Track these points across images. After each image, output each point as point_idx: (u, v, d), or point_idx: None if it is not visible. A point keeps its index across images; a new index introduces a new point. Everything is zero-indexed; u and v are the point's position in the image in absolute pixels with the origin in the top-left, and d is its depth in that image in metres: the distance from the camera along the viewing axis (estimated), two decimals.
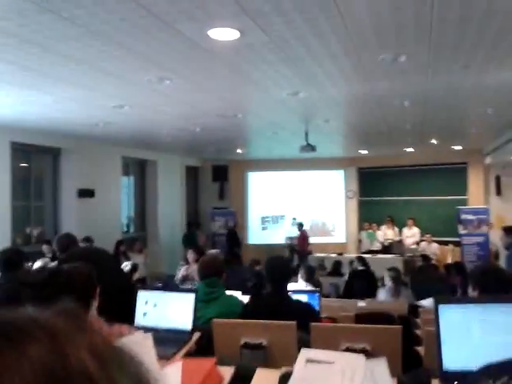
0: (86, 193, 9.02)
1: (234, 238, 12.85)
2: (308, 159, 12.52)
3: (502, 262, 8.65)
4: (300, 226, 12.63)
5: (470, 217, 11.23)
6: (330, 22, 3.32)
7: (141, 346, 1.28)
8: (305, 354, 1.43)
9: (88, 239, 7.60)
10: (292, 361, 1.86)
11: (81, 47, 3.70)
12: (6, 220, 7.40)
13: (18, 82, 4.70)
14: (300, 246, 12.35)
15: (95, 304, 2.07)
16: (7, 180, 7.44)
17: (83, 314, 0.49)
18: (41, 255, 6.92)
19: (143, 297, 2.66)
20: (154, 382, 0.46)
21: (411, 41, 3.79)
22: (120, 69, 4.36)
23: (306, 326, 2.35)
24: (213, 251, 8.24)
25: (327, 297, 6.15)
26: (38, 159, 8.77)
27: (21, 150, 8.07)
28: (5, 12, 2.97)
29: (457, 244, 11.61)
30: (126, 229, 11.21)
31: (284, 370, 1.55)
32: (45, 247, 7.32)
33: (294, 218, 13.07)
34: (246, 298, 4.79)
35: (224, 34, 3.47)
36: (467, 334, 1.67)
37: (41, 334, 0.43)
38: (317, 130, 8.32)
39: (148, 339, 1.36)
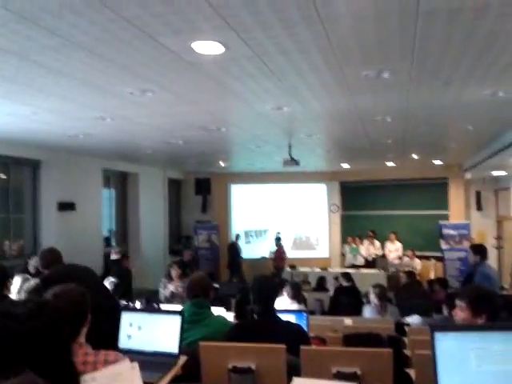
0: (67, 206, 8.86)
1: (234, 250, 12.75)
2: (291, 172, 12.55)
3: None
4: (277, 240, 12.69)
5: (451, 232, 11.34)
6: (315, 38, 3.31)
7: (127, 377, 1.20)
8: (297, 383, 1.36)
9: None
10: None
11: (61, 58, 3.61)
12: None
13: None
14: (277, 260, 12.39)
15: (85, 330, 1.96)
16: None
17: None
18: (21, 270, 6.67)
19: (128, 319, 2.56)
20: None
21: (395, 57, 3.80)
22: (101, 80, 4.28)
23: (296, 348, 2.28)
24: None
25: (312, 313, 6.09)
26: (17, 171, 8.58)
27: None
28: None
29: (439, 259, 11.70)
30: (107, 242, 11.01)
31: None
32: (34, 261, 7.02)
33: (279, 232, 13.05)
34: (230, 315, 4.71)
35: (208, 48, 3.43)
36: (464, 362, 1.62)
37: None
38: (300, 144, 8.33)
39: (135, 369, 1.29)
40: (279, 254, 12.62)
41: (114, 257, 9.10)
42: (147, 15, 2.85)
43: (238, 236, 13.33)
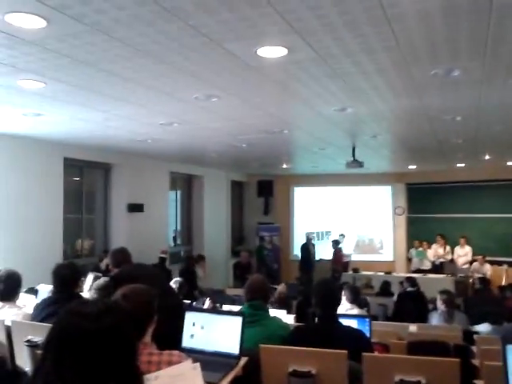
0: (136, 207, 9.22)
1: (304, 251, 12.68)
2: (355, 174, 12.34)
3: None
4: (335, 243, 12.45)
5: None
6: (381, 38, 3.25)
7: (189, 377, 1.24)
8: None
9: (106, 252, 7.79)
10: None
11: (131, 66, 3.79)
12: (59, 232, 7.65)
13: (71, 100, 4.86)
14: (335, 263, 12.17)
15: (151, 330, 2.03)
16: (60, 194, 7.70)
17: None
18: (93, 268, 7.02)
19: (191, 318, 2.64)
20: None
21: (465, 56, 3.67)
22: (169, 87, 4.44)
23: (357, 354, 2.25)
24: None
25: (375, 318, 5.95)
26: (90, 174, 9.04)
27: (73, 166, 8.35)
28: (58, 34, 3.07)
29: None
30: (173, 243, 11.35)
31: None
32: (106, 260, 7.34)
33: (342, 235, 12.84)
34: (290, 317, 4.71)
35: (272, 52, 3.46)
36: None
37: None
38: (364, 146, 8.19)
39: (196, 369, 1.33)
40: (337, 256, 12.40)
41: (161, 255, 9.09)
42: (213, 22, 2.92)
43: (308, 236, 13.13)
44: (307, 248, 12.64)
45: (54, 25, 2.91)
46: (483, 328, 4.71)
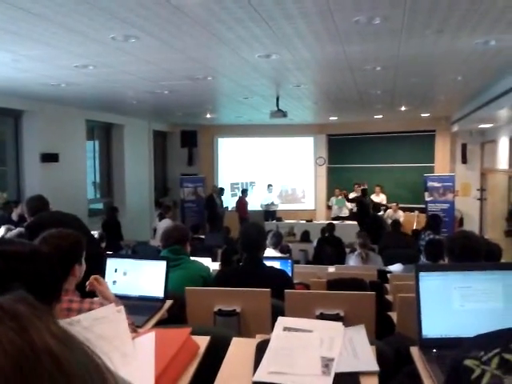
0: (50, 157, 8.72)
1: (212, 204, 12.71)
2: (278, 125, 12.45)
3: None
4: (243, 192, 12.73)
5: (436, 184, 11.47)
6: None
7: (113, 320, 1.21)
8: (282, 322, 1.38)
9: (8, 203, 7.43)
10: (266, 328, 1.83)
11: (40, 1, 3.45)
12: None
13: None
14: (239, 212, 12.49)
15: (77, 277, 1.97)
16: None
17: (37, 302, 0.53)
18: (5, 220, 6.62)
19: (112, 264, 2.57)
20: (101, 361, 0.51)
21: (387, 3, 3.71)
22: (83, 25, 4.12)
23: (280, 292, 2.32)
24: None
25: (297, 263, 6.19)
26: None
27: None
28: None
29: (422, 211, 11.89)
30: (91, 195, 10.94)
31: (260, 338, 1.52)
32: (18, 209, 6.89)
33: (270, 185, 13.04)
34: (215, 265, 4.78)
35: None
36: (447, 301, 1.68)
37: (6, 318, 0.47)
38: (288, 95, 8.22)
39: (120, 312, 1.29)
40: (241, 204, 12.68)
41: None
42: None
43: (215, 188, 13.23)
44: (213, 200, 12.75)
45: None
46: (396, 268, 5.05)
